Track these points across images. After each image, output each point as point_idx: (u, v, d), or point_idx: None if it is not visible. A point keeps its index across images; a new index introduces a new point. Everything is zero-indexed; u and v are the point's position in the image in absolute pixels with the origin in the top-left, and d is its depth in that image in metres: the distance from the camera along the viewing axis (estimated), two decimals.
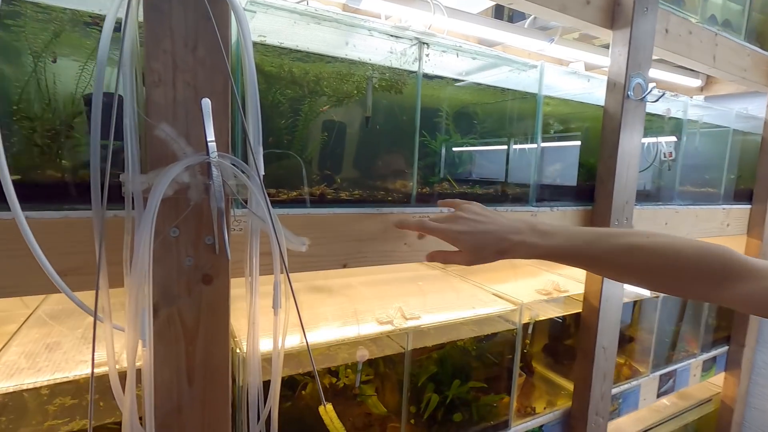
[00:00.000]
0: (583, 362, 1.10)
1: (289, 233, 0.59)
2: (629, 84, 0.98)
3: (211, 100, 0.54)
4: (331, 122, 0.85)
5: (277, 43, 0.65)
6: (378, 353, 0.83)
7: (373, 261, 0.76)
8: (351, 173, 0.85)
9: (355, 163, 0.86)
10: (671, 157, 1.34)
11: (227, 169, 0.53)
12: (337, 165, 0.82)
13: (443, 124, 0.95)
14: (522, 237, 0.62)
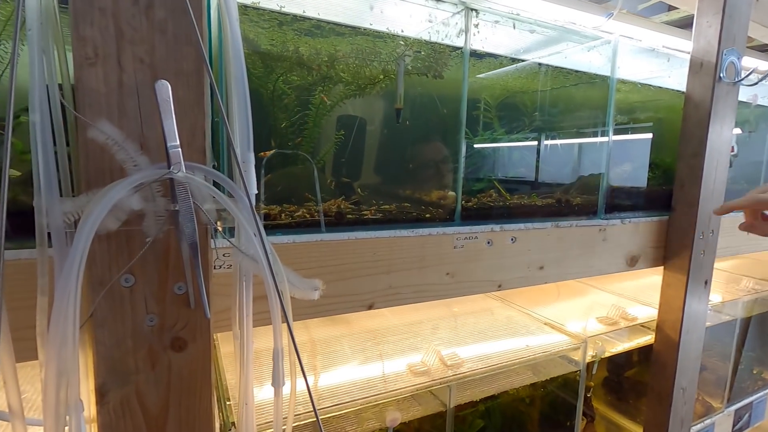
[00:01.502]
0: (657, 406, 0.90)
1: (295, 276, 0.41)
2: (722, 63, 0.78)
3: (177, 85, 0.36)
4: (350, 117, 0.67)
5: (276, 6, 0.47)
6: (413, 413, 0.65)
7: (407, 299, 0.58)
8: (375, 183, 0.67)
9: (380, 170, 0.68)
10: (733, 153, 1.13)
11: (200, 189, 0.35)
12: (358, 172, 0.64)
13: (490, 116, 0.76)
14: None
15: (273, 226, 0.50)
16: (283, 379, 0.40)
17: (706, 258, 0.85)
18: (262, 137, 0.62)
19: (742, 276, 1.33)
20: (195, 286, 0.39)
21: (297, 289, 0.41)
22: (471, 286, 0.63)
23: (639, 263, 0.84)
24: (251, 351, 0.41)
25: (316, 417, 0.39)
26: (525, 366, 0.76)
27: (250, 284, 0.40)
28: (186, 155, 0.37)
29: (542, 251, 0.69)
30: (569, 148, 0.80)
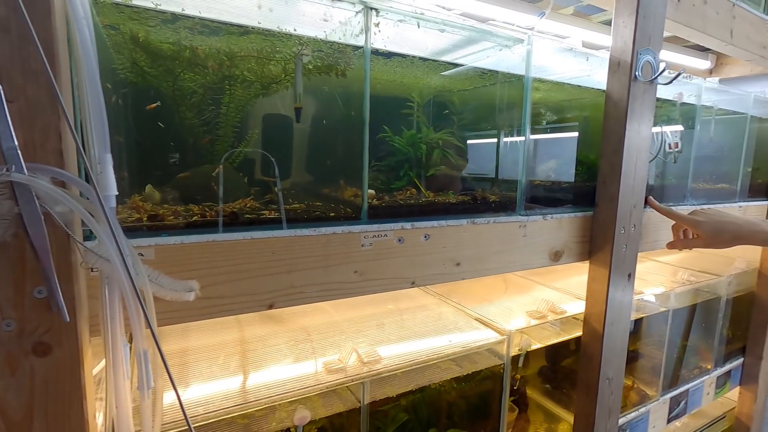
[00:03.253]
0: (585, 396, 0.93)
1: (166, 278, 0.41)
2: (637, 62, 0.80)
3: (26, 85, 0.36)
4: (274, 116, 0.67)
5: (151, 5, 0.46)
6: (328, 409, 0.65)
7: (312, 297, 0.58)
8: (292, 182, 0.67)
9: (297, 169, 0.68)
10: (677, 148, 1.16)
11: (48, 192, 0.35)
12: (274, 171, 0.64)
13: (412, 115, 0.77)
14: (761, 227, 0.82)
15: (161, 227, 0.49)
16: (149, 381, 0.39)
17: (628, 252, 0.88)
18: (170, 135, 0.61)
19: (681, 268, 1.38)
20: (54, 290, 0.38)
21: (169, 291, 0.41)
22: (382, 284, 0.64)
23: (563, 258, 0.86)
24: (120, 355, 0.40)
25: (187, 422, 0.39)
26: (450, 360, 0.77)
27: (114, 287, 0.39)
28: (39, 157, 0.37)
29: (458, 248, 0.70)
30: (492, 147, 0.81)
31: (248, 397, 0.58)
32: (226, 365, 0.67)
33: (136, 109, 0.56)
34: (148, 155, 0.59)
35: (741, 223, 0.83)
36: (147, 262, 0.47)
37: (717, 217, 0.85)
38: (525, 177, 0.78)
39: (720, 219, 0.85)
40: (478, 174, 0.81)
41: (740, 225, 0.83)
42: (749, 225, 0.83)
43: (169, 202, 0.59)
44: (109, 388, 0.40)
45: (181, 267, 0.49)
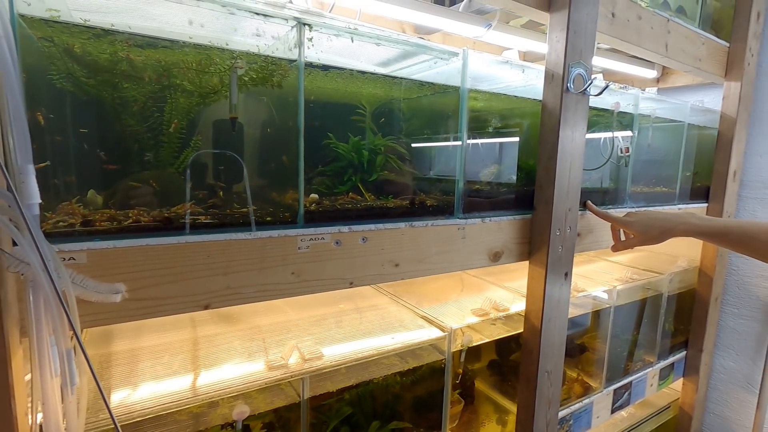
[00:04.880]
0: (525, 388, 0.99)
1: (91, 281, 0.43)
2: (569, 75, 0.86)
3: None
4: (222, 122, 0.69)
5: (80, 20, 0.49)
6: (270, 404, 0.68)
7: (249, 298, 0.61)
8: (235, 186, 0.70)
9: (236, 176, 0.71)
10: (628, 153, 1.24)
11: None
12: (215, 177, 0.67)
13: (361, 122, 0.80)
14: (684, 219, 0.90)
15: (94, 232, 0.51)
16: (73, 378, 0.42)
17: (564, 252, 0.94)
18: (113, 142, 0.63)
19: (629, 267, 1.46)
20: None
21: (93, 293, 0.43)
22: (319, 284, 0.67)
23: (503, 258, 0.91)
24: (45, 355, 0.42)
25: (112, 419, 0.42)
26: (393, 356, 0.81)
27: (39, 290, 0.41)
28: None
29: (397, 250, 0.74)
30: (433, 152, 0.85)
31: (191, 393, 0.61)
32: (173, 364, 0.70)
33: (76, 117, 0.58)
34: (90, 161, 0.61)
35: (668, 217, 0.92)
36: (79, 266, 0.49)
37: (645, 216, 0.94)
38: (463, 182, 0.82)
39: (648, 216, 0.94)
40: (420, 179, 0.86)
41: (666, 219, 0.91)
42: (675, 218, 0.91)
43: (111, 207, 0.61)
44: (35, 388, 0.42)
45: (113, 270, 0.51)
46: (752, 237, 0.80)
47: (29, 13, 0.45)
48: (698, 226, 0.88)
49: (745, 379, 1.51)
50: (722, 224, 0.86)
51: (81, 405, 0.44)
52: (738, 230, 0.82)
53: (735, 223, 0.84)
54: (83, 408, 0.44)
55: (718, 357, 1.58)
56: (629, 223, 0.95)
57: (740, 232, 0.81)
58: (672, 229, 0.90)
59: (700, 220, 0.89)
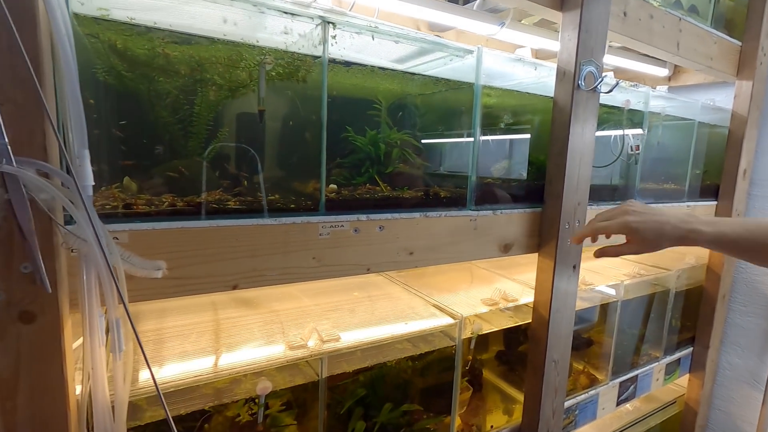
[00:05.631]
0: (533, 377, 1.02)
1: (137, 258, 0.47)
2: (580, 73, 0.88)
3: (15, 92, 0.42)
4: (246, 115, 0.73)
5: (125, 18, 0.53)
6: (290, 382, 0.72)
7: (273, 280, 0.65)
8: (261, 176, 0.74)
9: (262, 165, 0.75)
10: (638, 151, 1.26)
11: (33, 181, 0.41)
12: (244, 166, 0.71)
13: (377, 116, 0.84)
14: (692, 226, 0.68)
15: (134, 214, 0.55)
16: (120, 345, 0.46)
17: (573, 245, 0.96)
18: (148, 133, 0.67)
19: (637, 263, 1.48)
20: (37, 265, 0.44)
21: (139, 269, 0.48)
22: (339, 269, 0.71)
23: (513, 250, 0.94)
24: (95, 324, 0.47)
25: (154, 381, 0.46)
26: (406, 341, 0.85)
27: (91, 265, 0.46)
28: (26, 152, 0.43)
29: (411, 239, 0.78)
30: (447, 146, 0.89)
31: (216, 369, 0.65)
32: (198, 342, 0.74)
33: (115, 109, 0.63)
34: (127, 150, 0.65)
35: (672, 221, 0.70)
36: (121, 245, 0.53)
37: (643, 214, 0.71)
38: (475, 175, 0.85)
39: (658, 219, 0.70)
40: (434, 171, 0.89)
41: (669, 223, 0.69)
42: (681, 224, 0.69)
43: (144, 193, 0.65)
44: (86, 354, 0.47)
45: (152, 250, 0.55)
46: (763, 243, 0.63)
47: (81, 11, 0.49)
48: (711, 236, 0.66)
49: (751, 376, 1.52)
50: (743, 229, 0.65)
51: (127, 370, 0.48)
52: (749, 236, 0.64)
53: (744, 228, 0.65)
54: (129, 373, 0.48)
55: (724, 353, 1.59)
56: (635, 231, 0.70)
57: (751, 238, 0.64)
58: (679, 237, 0.69)
59: (712, 227, 0.67)
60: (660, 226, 0.69)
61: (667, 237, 0.69)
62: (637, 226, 0.69)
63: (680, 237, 0.68)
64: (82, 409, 0.51)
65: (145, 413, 0.59)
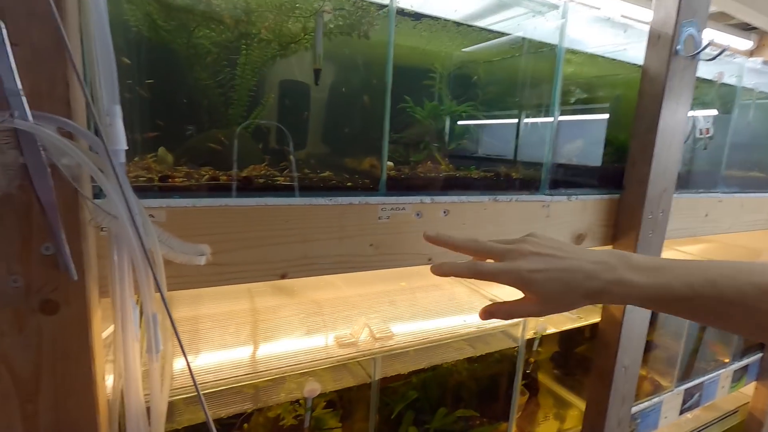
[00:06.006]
0: (598, 382, 0.91)
1: (177, 240, 0.39)
2: (679, 36, 0.74)
3: (30, 29, 0.33)
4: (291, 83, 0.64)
5: None
6: (338, 383, 0.64)
7: (325, 269, 0.56)
8: (309, 149, 0.65)
9: (314, 137, 0.65)
10: (708, 134, 1.10)
11: (53, 141, 0.33)
12: (291, 138, 0.62)
13: (434, 86, 0.73)
14: (617, 275, 0.44)
15: (172, 188, 0.47)
16: (158, 345, 0.38)
17: (654, 238, 0.84)
18: (182, 96, 0.59)
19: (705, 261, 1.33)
20: (59, 245, 0.36)
21: (179, 254, 0.39)
22: (397, 258, 0.62)
23: (586, 242, 0.83)
24: (129, 317, 0.39)
25: (196, 389, 0.38)
26: (462, 340, 0.76)
27: (123, 247, 0.37)
28: (45, 106, 0.35)
29: (478, 225, 0.68)
30: (518, 123, 0.77)
31: (258, 367, 0.57)
32: (236, 334, 0.67)
33: (148, 66, 0.54)
34: (161, 116, 0.57)
35: (585, 268, 0.45)
36: (158, 224, 0.45)
37: (558, 264, 0.46)
38: (551, 155, 0.74)
39: (565, 266, 0.45)
40: (501, 153, 0.78)
41: (582, 271, 0.45)
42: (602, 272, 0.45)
43: (182, 165, 0.57)
44: (117, 351, 0.39)
45: (192, 231, 0.47)
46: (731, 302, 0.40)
47: None
48: (644, 289, 0.43)
49: None
50: (704, 280, 0.41)
51: (165, 372, 0.41)
52: (712, 293, 0.41)
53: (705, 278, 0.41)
54: (168, 378, 0.41)
55: None
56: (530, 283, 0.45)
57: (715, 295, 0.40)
58: (596, 291, 0.45)
59: (650, 276, 0.43)
60: (569, 276, 0.45)
61: (579, 292, 0.45)
62: (534, 277, 0.45)
63: (598, 291, 0.44)
64: (114, 412, 0.44)
65: (182, 416, 0.52)
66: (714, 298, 0.41)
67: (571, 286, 0.45)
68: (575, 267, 0.45)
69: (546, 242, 0.49)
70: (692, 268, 0.43)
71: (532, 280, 0.45)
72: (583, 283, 0.45)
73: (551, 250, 0.47)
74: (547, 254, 0.46)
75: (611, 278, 0.44)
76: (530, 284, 0.45)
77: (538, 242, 0.48)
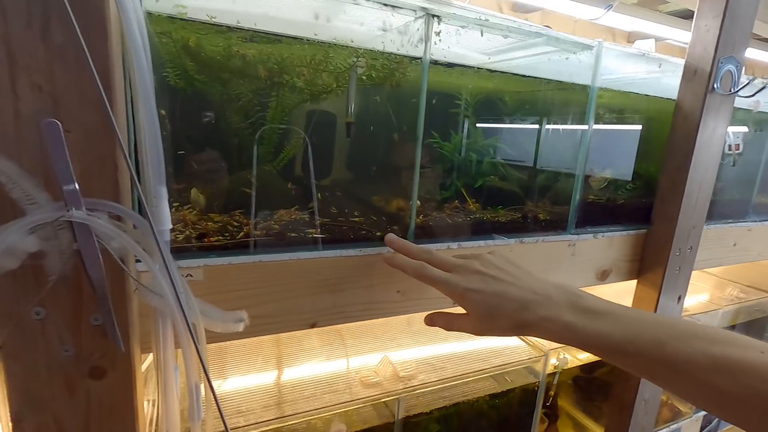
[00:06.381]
0: (618, 413, 0.91)
1: (215, 309, 0.40)
2: (717, 72, 0.72)
3: (82, 114, 0.34)
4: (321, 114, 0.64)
5: (206, 17, 0.44)
6: (363, 424, 0.66)
7: (353, 316, 0.57)
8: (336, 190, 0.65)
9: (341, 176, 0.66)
10: (737, 150, 1.08)
11: (105, 230, 0.34)
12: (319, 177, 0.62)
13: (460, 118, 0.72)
14: (554, 311, 0.43)
15: (205, 248, 0.48)
16: (199, 413, 0.40)
17: (681, 274, 0.83)
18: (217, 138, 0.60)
19: (729, 282, 1.31)
20: (109, 320, 0.38)
21: (218, 323, 0.40)
22: (424, 303, 0.62)
23: (610, 277, 0.82)
24: (171, 384, 0.40)
25: None
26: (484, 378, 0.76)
27: (167, 320, 0.39)
28: (95, 187, 0.36)
29: None
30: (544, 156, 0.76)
31: (286, 409, 0.59)
32: (263, 367, 0.68)
33: (181, 112, 0.55)
34: (193, 158, 0.58)
35: (529, 297, 0.44)
36: (196, 282, 0.47)
37: (496, 287, 0.45)
38: (579, 193, 0.73)
39: (501, 291, 0.44)
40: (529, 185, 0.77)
41: (526, 300, 0.44)
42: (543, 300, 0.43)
43: (213, 208, 0.58)
44: (161, 416, 0.41)
45: (228, 287, 0.48)
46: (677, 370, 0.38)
47: (155, 9, 0.41)
48: (579, 333, 0.41)
49: None
50: (627, 339, 0.40)
51: None
52: (657, 354, 0.38)
53: (652, 337, 0.39)
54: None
55: None
56: (466, 298, 0.45)
57: (661, 358, 0.38)
58: (524, 324, 0.44)
59: (593, 320, 0.42)
60: (502, 302, 0.43)
61: (510, 320, 0.43)
62: (469, 295, 0.44)
63: (530, 324, 0.43)
64: None
65: None
66: (659, 361, 0.38)
67: (501, 312, 0.44)
68: (512, 295, 0.44)
69: (497, 263, 0.48)
70: (642, 321, 0.41)
71: (467, 298, 0.45)
72: (514, 313, 0.43)
73: (497, 271, 0.46)
74: (490, 275, 0.46)
75: (546, 314, 0.43)
76: (465, 302, 0.45)
77: (489, 261, 0.48)
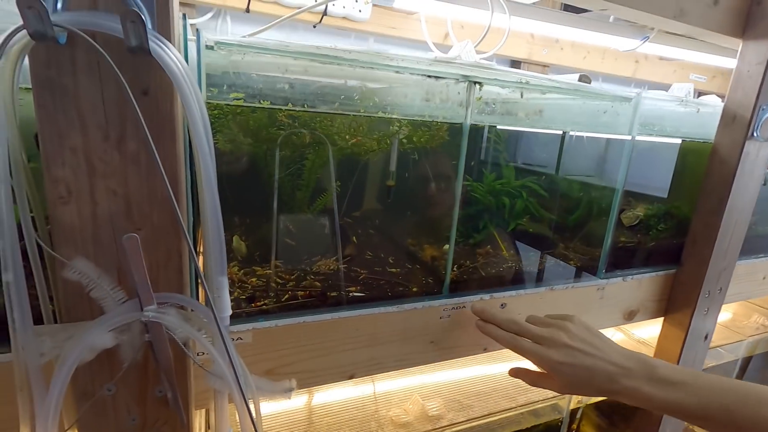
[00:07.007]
0: None
1: (266, 382, 0.43)
2: (757, 119, 0.71)
3: (152, 212, 0.37)
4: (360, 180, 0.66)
5: (262, 103, 0.45)
6: None
7: (389, 367, 0.60)
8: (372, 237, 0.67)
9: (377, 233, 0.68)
10: None
11: (174, 324, 0.36)
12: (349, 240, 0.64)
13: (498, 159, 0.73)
14: (635, 383, 0.50)
15: (250, 314, 0.51)
16: None
17: (709, 315, 0.83)
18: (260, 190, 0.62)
19: (755, 307, 1.29)
20: (174, 393, 0.41)
21: (269, 394, 0.43)
22: (455, 352, 0.64)
23: (637, 316, 0.83)
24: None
25: None
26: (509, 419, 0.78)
27: (225, 397, 0.42)
28: (161, 278, 0.38)
29: (533, 313, 0.69)
30: (576, 201, 0.77)
31: None
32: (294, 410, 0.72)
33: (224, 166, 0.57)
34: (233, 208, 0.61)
35: (611, 372, 0.50)
36: (244, 345, 0.49)
37: (584, 361, 0.51)
38: (611, 239, 0.73)
39: (589, 364, 0.51)
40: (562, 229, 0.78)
41: (601, 369, 0.51)
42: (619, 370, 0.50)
43: (255, 258, 0.61)
44: None
45: (272, 348, 0.51)
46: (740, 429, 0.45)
47: (212, 99, 0.43)
48: (656, 402, 0.49)
49: None
50: (698, 406, 0.47)
51: None
52: (726, 419, 0.45)
53: (720, 404, 0.45)
54: None
55: None
56: (556, 368, 0.52)
57: (728, 422, 0.45)
58: (612, 392, 0.51)
59: (666, 390, 0.48)
60: (591, 374, 0.51)
61: (598, 389, 0.51)
62: (561, 368, 0.51)
63: (615, 392, 0.51)
64: None
65: None
66: (727, 426, 0.45)
67: (591, 383, 0.51)
68: (599, 368, 0.51)
69: (580, 333, 0.54)
70: (712, 389, 0.47)
71: (559, 371, 0.52)
72: (602, 384, 0.51)
73: (582, 344, 0.53)
74: (578, 348, 0.52)
75: (628, 385, 0.50)
76: (557, 372, 0.52)
77: (573, 334, 0.54)
